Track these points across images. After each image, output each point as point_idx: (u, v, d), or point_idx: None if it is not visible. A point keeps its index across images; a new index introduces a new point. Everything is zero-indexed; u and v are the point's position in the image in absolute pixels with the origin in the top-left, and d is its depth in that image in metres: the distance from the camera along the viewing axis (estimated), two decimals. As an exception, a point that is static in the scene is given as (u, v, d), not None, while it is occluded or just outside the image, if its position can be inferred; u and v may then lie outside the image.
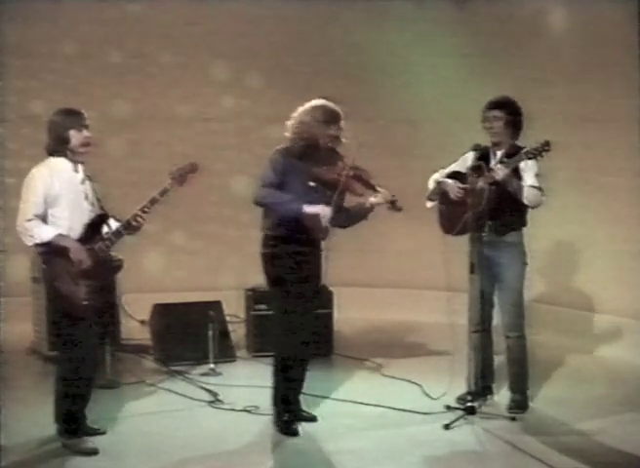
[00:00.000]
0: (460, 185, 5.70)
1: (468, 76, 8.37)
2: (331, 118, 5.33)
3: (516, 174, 5.49)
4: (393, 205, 5.39)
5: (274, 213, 5.33)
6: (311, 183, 5.29)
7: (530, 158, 5.36)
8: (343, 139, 5.36)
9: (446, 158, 5.96)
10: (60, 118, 5.04)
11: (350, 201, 5.52)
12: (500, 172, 5.42)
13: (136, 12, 8.71)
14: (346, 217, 5.51)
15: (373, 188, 5.37)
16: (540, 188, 5.54)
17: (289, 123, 5.38)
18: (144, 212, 5.05)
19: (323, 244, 5.46)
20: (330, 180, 5.29)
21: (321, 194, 5.30)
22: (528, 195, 5.51)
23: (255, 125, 8.72)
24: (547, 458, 4.90)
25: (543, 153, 5.30)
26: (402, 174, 8.44)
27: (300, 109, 5.38)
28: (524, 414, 5.66)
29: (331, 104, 5.39)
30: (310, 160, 5.28)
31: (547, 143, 5.30)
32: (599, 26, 7.38)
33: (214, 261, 9.00)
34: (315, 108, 5.34)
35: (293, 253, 5.29)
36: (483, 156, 5.71)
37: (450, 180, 5.77)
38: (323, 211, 5.22)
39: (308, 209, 5.21)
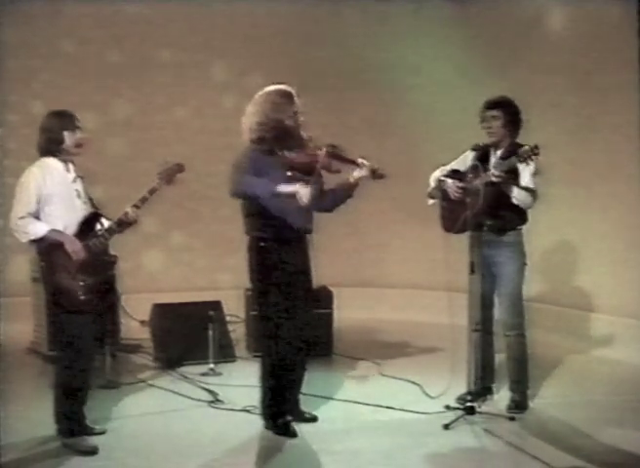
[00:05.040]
0: (459, 184, 5.70)
1: (467, 76, 8.39)
2: (287, 96, 5.19)
3: (514, 172, 5.49)
4: (375, 173, 5.17)
5: (256, 212, 5.18)
6: (289, 173, 5.12)
7: (520, 162, 5.34)
8: (301, 118, 5.21)
9: (449, 158, 5.96)
10: (54, 120, 5.08)
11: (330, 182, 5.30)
12: (493, 174, 5.43)
13: (135, 12, 8.73)
14: (332, 199, 5.36)
15: (354, 163, 5.19)
16: (531, 190, 5.53)
17: (248, 121, 5.20)
18: (136, 208, 5.11)
19: (310, 242, 5.33)
20: (306, 164, 5.12)
21: (301, 180, 5.12)
22: (518, 196, 5.51)
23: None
24: (547, 458, 4.89)
25: (533, 157, 5.27)
26: (404, 175, 8.45)
27: (252, 107, 5.21)
28: (524, 414, 5.66)
29: (280, 85, 5.25)
30: (282, 149, 5.11)
31: (536, 147, 5.26)
32: (599, 26, 7.39)
33: (213, 261, 9.01)
34: (269, 94, 5.21)
35: (280, 253, 5.17)
36: (483, 155, 5.72)
37: (449, 180, 5.77)
38: (301, 190, 4.99)
39: (284, 188, 5.00)
